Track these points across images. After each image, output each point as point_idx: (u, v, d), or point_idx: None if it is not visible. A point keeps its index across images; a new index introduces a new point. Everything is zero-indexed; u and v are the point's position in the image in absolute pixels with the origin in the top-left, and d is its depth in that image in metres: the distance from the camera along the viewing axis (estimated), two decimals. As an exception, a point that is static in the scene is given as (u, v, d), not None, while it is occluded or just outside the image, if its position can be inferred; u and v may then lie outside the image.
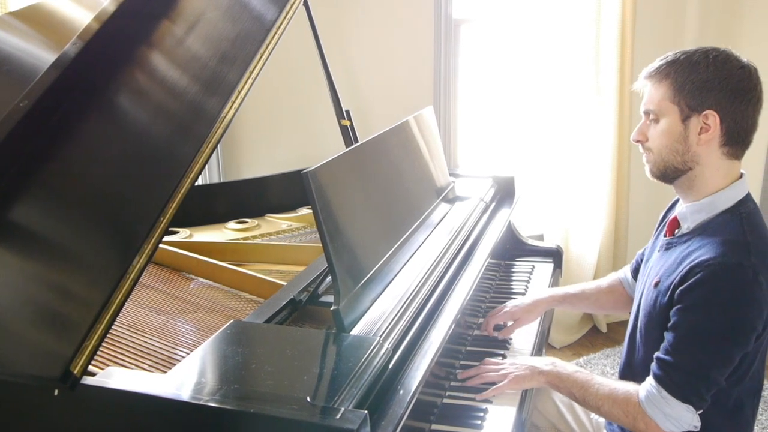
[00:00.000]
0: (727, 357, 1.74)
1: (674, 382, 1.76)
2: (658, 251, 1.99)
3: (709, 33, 4.41)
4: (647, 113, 1.88)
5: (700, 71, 1.77)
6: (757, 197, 4.13)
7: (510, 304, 2.38)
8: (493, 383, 1.98)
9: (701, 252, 1.76)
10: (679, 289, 1.76)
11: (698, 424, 1.78)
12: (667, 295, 1.81)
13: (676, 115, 1.81)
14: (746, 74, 1.78)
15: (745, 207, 1.84)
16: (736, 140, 1.81)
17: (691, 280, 1.73)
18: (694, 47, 1.84)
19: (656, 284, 1.88)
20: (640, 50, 4.01)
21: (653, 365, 1.81)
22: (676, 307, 1.77)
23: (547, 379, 1.98)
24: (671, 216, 1.98)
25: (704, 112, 1.77)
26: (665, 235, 1.98)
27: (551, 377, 1.97)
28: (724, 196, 1.84)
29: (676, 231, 1.94)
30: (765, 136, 4.36)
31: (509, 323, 2.35)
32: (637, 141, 1.92)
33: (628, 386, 1.87)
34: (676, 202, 2.04)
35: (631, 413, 1.82)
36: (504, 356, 2.20)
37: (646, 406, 1.79)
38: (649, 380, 1.81)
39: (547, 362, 2.01)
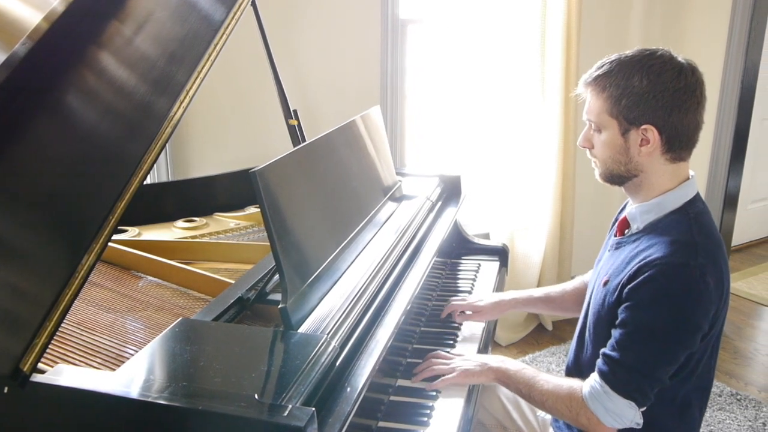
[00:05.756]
0: (671, 356, 1.77)
1: (618, 379, 1.78)
2: (609, 251, 2.01)
3: (654, 34, 4.49)
4: (590, 122, 1.89)
5: (634, 85, 1.77)
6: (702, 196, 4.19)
7: (474, 298, 2.44)
8: (443, 376, 2.01)
9: (650, 251, 1.78)
10: (628, 287, 1.78)
11: (641, 421, 1.80)
12: (615, 293, 1.83)
13: (616, 128, 1.82)
14: (683, 83, 1.77)
15: (693, 207, 1.86)
16: (679, 146, 1.83)
17: (639, 279, 1.75)
18: (634, 50, 1.83)
19: (605, 283, 1.90)
20: (585, 51, 4.08)
21: (599, 361, 1.83)
22: (624, 305, 1.79)
23: (496, 376, 2.00)
24: (621, 216, 2.01)
25: (642, 126, 1.79)
26: (615, 235, 2.00)
27: (500, 374, 2.00)
28: (673, 196, 1.86)
29: (626, 231, 1.96)
30: (710, 136, 4.46)
31: (468, 312, 2.41)
32: (584, 147, 1.94)
33: (572, 382, 1.89)
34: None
35: (574, 408, 1.84)
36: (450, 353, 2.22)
37: (589, 401, 1.81)
38: (594, 376, 1.83)
39: (496, 359, 2.04)
